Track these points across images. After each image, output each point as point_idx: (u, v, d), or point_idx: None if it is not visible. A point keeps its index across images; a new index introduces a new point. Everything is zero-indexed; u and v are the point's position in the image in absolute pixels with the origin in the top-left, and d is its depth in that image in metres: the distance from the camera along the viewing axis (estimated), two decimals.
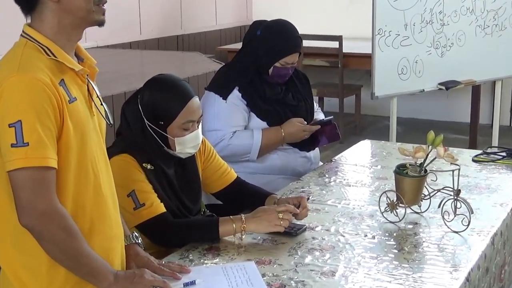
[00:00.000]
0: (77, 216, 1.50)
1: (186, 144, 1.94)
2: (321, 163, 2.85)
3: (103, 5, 1.45)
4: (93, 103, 1.57)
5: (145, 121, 1.94)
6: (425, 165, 2.06)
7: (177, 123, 1.90)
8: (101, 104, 1.62)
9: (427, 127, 2.26)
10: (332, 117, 2.84)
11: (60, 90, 1.42)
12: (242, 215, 1.95)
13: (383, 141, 3.33)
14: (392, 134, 4.05)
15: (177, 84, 1.94)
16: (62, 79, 1.44)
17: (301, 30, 2.67)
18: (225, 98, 2.46)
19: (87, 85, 1.56)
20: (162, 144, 1.95)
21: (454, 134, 5.91)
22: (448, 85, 4.00)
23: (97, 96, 1.60)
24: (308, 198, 2.22)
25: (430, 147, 2.03)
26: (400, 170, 2.09)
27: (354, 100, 6.39)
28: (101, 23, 1.47)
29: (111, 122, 1.64)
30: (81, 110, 1.50)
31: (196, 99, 1.94)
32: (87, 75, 1.55)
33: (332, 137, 2.72)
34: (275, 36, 2.49)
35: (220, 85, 2.50)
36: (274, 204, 2.03)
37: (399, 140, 4.17)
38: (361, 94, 6.32)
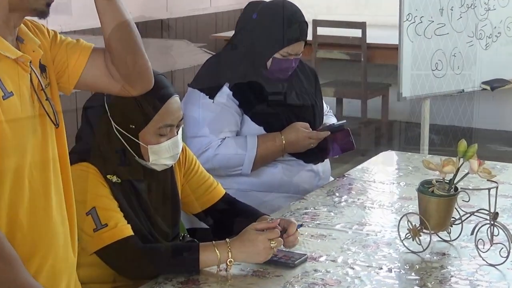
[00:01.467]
0: (14, 237, 1.51)
1: (162, 154, 1.94)
2: (332, 179, 2.86)
3: None
4: (36, 97, 1.56)
5: (112, 123, 1.95)
6: (455, 181, 2.06)
7: (152, 128, 1.92)
8: (46, 99, 1.61)
9: (470, 137, 2.26)
10: (345, 121, 2.80)
11: None
12: (228, 240, 1.96)
13: (410, 153, 3.34)
14: (424, 144, 4.05)
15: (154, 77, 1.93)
16: None
17: (314, 15, 2.64)
18: (212, 97, 2.44)
19: (30, 75, 1.54)
20: (133, 153, 1.96)
21: (503, 146, 5.89)
22: (494, 85, 4.00)
23: (42, 89, 1.59)
24: (302, 225, 2.18)
25: (462, 159, 2.03)
26: (425, 188, 2.08)
27: (380, 102, 6.37)
28: (40, 14, 1.49)
29: (57, 122, 1.63)
30: (19, 108, 1.50)
31: (176, 98, 1.95)
32: (30, 63, 1.54)
33: (345, 146, 2.71)
34: (275, 21, 2.46)
35: (207, 81, 2.49)
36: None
37: (434, 152, 4.16)
38: (389, 95, 6.31)
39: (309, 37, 3.36)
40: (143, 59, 1.71)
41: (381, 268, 2.04)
